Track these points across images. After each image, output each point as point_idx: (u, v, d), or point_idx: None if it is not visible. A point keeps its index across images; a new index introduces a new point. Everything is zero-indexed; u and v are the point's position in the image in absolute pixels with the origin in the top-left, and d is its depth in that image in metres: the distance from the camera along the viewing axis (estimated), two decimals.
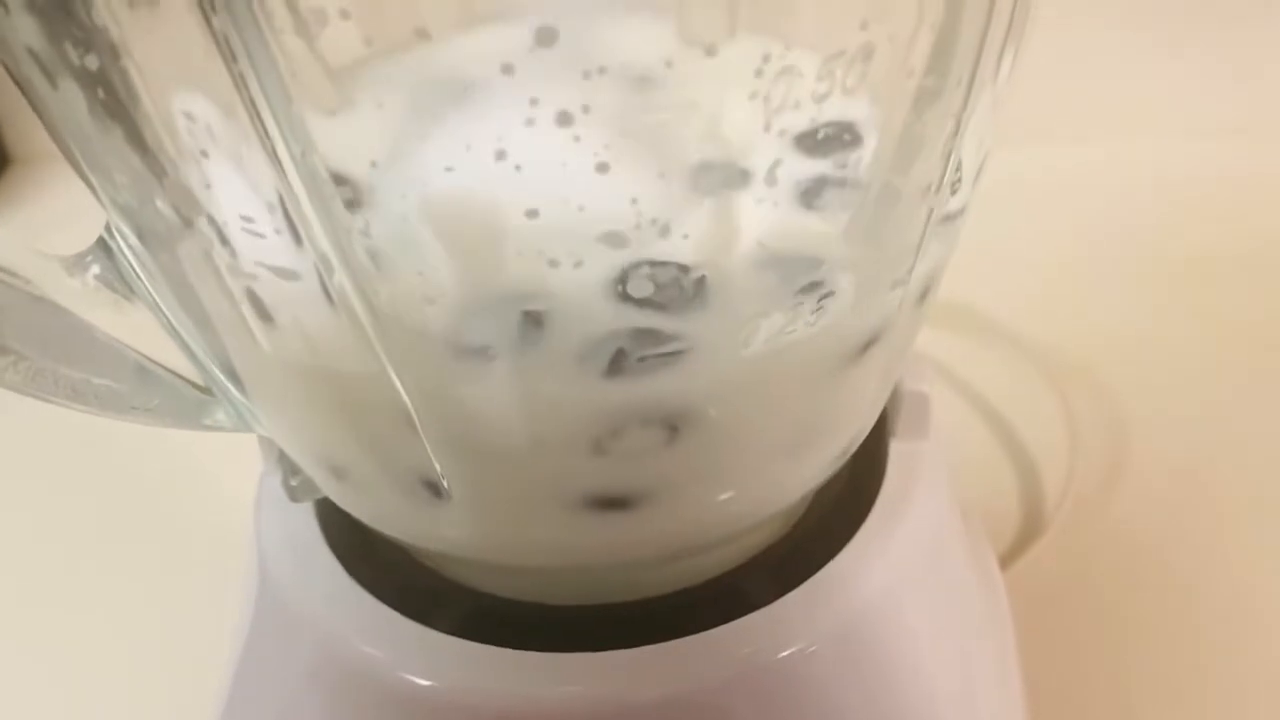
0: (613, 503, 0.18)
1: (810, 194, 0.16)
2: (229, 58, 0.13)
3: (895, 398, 0.22)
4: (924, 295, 0.19)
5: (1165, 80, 0.49)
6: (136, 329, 0.19)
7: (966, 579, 0.24)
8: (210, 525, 0.32)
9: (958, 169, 0.17)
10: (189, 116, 0.14)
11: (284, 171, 0.14)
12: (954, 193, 0.18)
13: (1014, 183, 0.42)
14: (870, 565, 0.21)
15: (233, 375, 0.19)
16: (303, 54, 0.13)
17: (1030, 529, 0.36)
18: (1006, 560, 0.33)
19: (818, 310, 0.17)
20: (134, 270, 0.18)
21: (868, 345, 0.18)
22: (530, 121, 0.14)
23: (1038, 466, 0.38)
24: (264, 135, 0.14)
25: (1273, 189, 0.48)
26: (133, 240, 0.17)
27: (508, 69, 0.13)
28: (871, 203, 0.16)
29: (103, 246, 0.18)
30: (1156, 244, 0.47)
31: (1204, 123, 0.49)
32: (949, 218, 0.18)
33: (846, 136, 0.15)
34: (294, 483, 0.21)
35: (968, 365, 0.41)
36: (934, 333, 0.39)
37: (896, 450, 0.22)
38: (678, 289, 0.16)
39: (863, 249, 0.17)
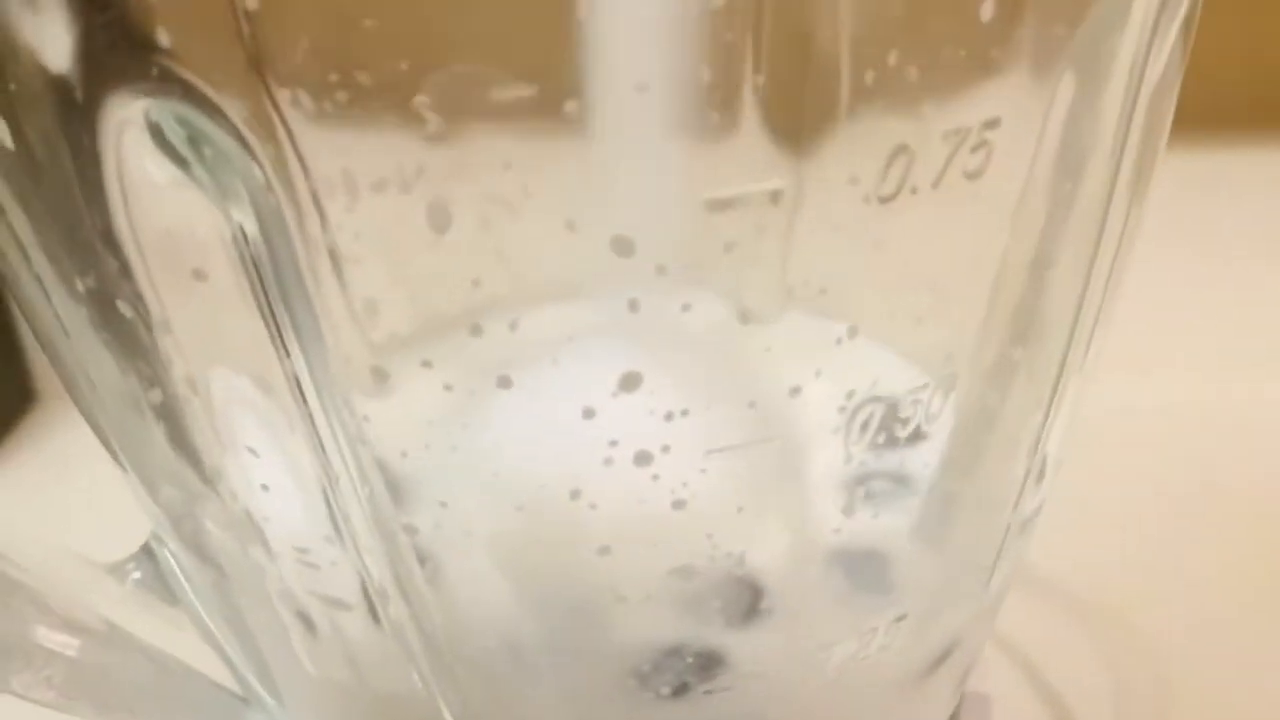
0: None
1: (879, 500, 0.15)
2: (298, 397, 0.13)
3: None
4: (998, 603, 0.18)
5: (1222, 320, 0.49)
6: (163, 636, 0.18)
7: None
8: None
9: (1042, 465, 0.17)
10: (253, 452, 0.14)
11: (348, 511, 0.13)
12: (1036, 489, 0.17)
13: None
14: None
15: (273, 689, 0.18)
16: (380, 405, 0.13)
17: None
18: None
19: (890, 632, 0.16)
20: (178, 577, 0.18)
21: (941, 660, 0.17)
22: (608, 461, 0.13)
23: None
24: (330, 477, 0.13)
25: None
26: (179, 553, 0.17)
27: (589, 413, 0.13)
28: (939, 506, 0.16)
29: (148, 552, 0.18)
30: (1210, 496, 0.46)
31: (1261, 365, 0.49)
32: (1027, 521, 0.17)
33: (919, 445, 0.15)
34: None
35: (1007, 620, 0.40)
36: None
37: None
38: (745, 611, 0.15)
39: (935, 561, 0.16)
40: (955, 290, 0.14)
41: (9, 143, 0.12)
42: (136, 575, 0.18)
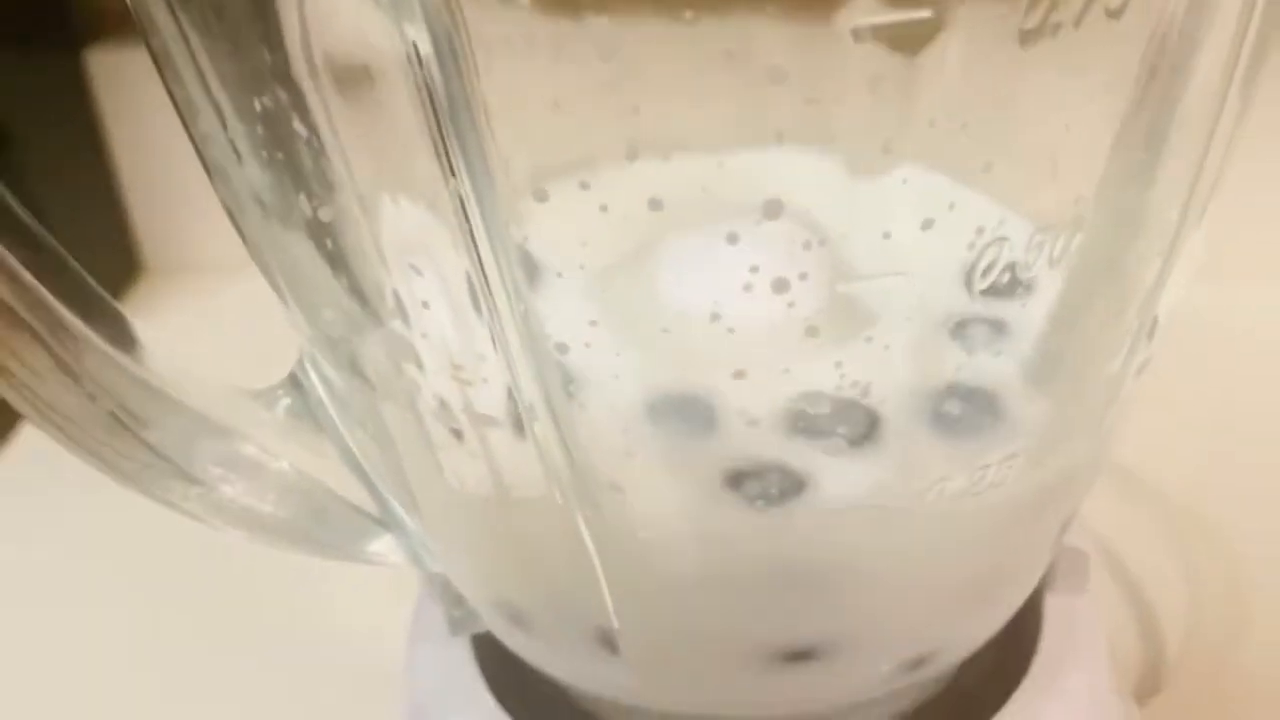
0: (791, 656, 0.18)
1: (999, 341, 0.16)
2: (462, 217, 0.14)
3: None
4: (1106, 452, 0.19)
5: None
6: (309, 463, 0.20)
7: None
8: (336, 661, 0.32)
9: (1154, 321, 0.17)
10: (416, 270, 0.15)
11: (504, 328, 0.14)
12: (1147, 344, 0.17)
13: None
14: None
15: (413, 510, 0.19)
16: (539, 225, 0.13)
17: (1150, 683, 0.35)
18: None
19: (1002, 470, 0.17)
20: (324, 405, 0.19)
21: (1047, 503, 0.18)
22: (748, 287, 0.14)
23: (1159, 619, 0.37)
24: (488, 295, 0.14)
25: None
26: (331, 376, 0.18)
27: (733, 238, 0.14)
28: (1055, 351, 0.16)
29: (294, 381, 0.19)
30: None
31: None
32: (1137, 371, 0.18)
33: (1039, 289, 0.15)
34: (456, 614, 0.21)
35: (1090, 512, 0.41)
36: None
37: (1052, 605, 0.22)
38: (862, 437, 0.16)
39: (1048, 403, 0.17)
40: (1086, 134, 0.14)
41: None
42: (286, 403, 0.19)
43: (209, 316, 0.46)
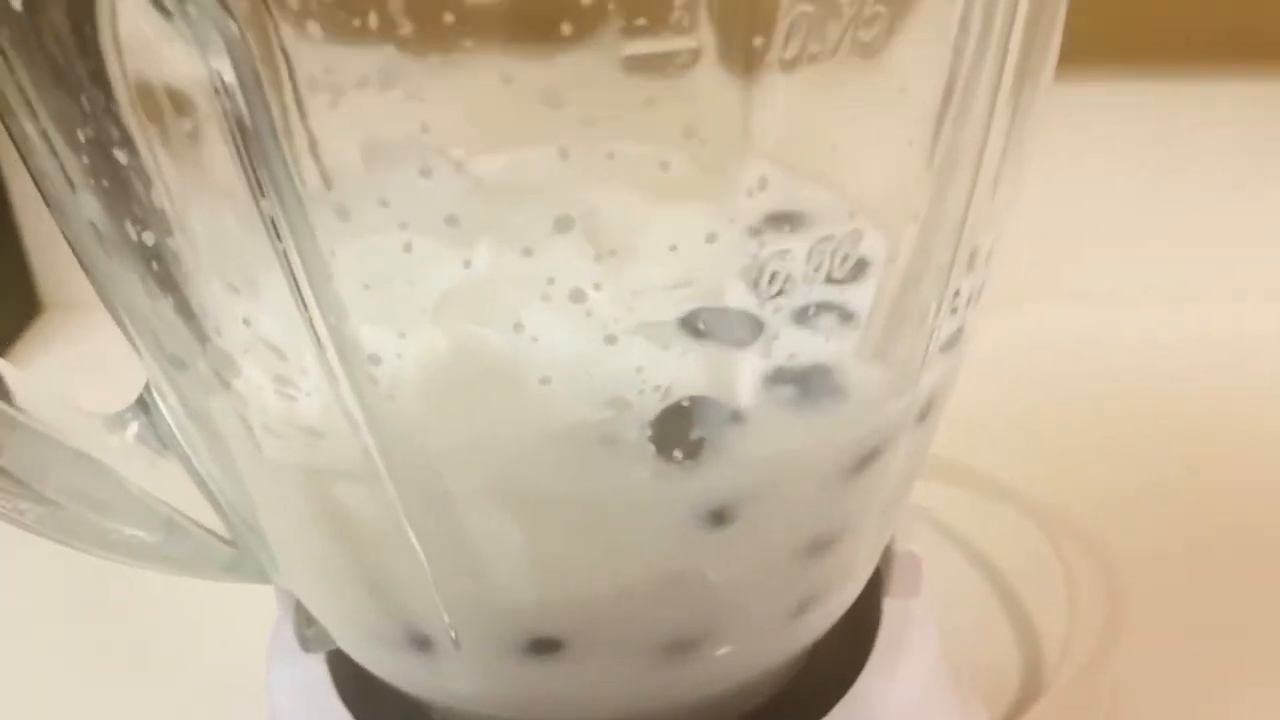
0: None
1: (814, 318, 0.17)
2: (274, 236, 0.15)
3: (888, 557, 0.23)
4: (924, 415, 0.19)
5: (1167, 246, 0.51)
6: (163, 484, 0.20)
7: None
8: (219, 669, 0.33)
9: (956, 294, 0.18)
10: (233, 288, 0.15)
11: (319, 339, 0.15)
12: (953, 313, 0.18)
13: (1017, 345, 0.43)
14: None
15: (256, 526, 0.20)
16: (345, 239, 0.14)
17: (1030, 690, 0.36)
18: None
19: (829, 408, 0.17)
20: (169, 427, 0.19)
21: (871, 457, 0.19)
22: (546, 298, 0.15)
23: (1037, 627, 0.39)
24: (302, 306, 0.15)
25: (1271, 355, 0.50)
26: (170, 397, 0.18)
27: (527, 251, 0.15)
28: (878, 323, 0.17)
29: (141, 405, 0.20)
30: (1154, 409, 0.48)
31: (1204, 288, 0.51)
32: (950, 341, 0.19)
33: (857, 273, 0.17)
34: (308, 633, 0.21)
35: (968, 524, 0.42)
36: (936, 490, 0.40)
37: (890, 608, 0.23)
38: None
39: (870, 364, 0.18)
40: (863, 147, 0.16)
41: (16, 4, 0.14)
42: (134, 428, 0.20)
43: (105, 353, 0.46)
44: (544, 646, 0.18)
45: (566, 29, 0.13)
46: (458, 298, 0.15)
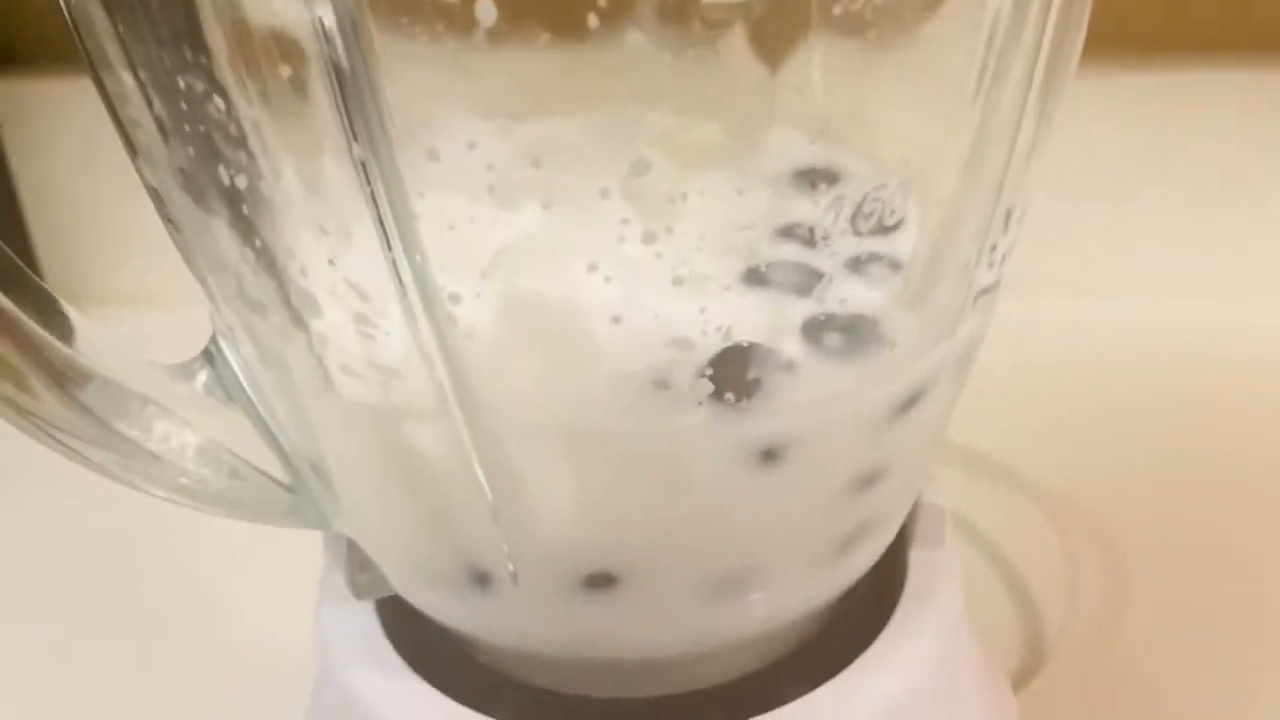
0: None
1: (865, 265, 0.18)
2: (363, 179, 0.15)
3: (914, 510, 0.24)
4: (961, 363, 0.20)
5: (1173, 240, 0.52)
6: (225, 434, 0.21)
7: (979, 689, 0.25)
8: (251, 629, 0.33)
9: (993, 248, 0.19)
10: (322, 230, 0.16)
11: (402, 279, 0.16)
12: (990, 267, 0.20)
13: (1021, 332, 0.44)
14: (891, 665, 0.22)
15: (322, 472, 0.20)
16: (433, 181, 0.15)
17: (1031, 663, 0.37)
18: None
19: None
20: (235, 377, 0.20)
21: (912, 401, 0.20)
22: (621, 239, 0.16)
23: (1038, 602, 0.40)
24: (388, 246, 0.16)
25: (1268, 343, 0.51)
26: (245, 345, 0.19)
27: (605, 193, 0.15)
28: (919, 275, 0.18)
29: (207, 355, 0.20)
30: (1154, 391, 0.49)
31: (1201, 281, 0.52)
32: (987, 289, 0.20)
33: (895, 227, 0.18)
34: (361, 579, 0.22)
35: (970, 503, 0.43)
36: (937, 472, 0.41)
37: (916, 559, 0.24)
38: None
39: (912, 313, 0.19)
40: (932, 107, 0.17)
41: None
42: (202, 378, 0.21)
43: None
44: (599, 581, 0.19)
45: None
46: (538, 238, 0.16)
